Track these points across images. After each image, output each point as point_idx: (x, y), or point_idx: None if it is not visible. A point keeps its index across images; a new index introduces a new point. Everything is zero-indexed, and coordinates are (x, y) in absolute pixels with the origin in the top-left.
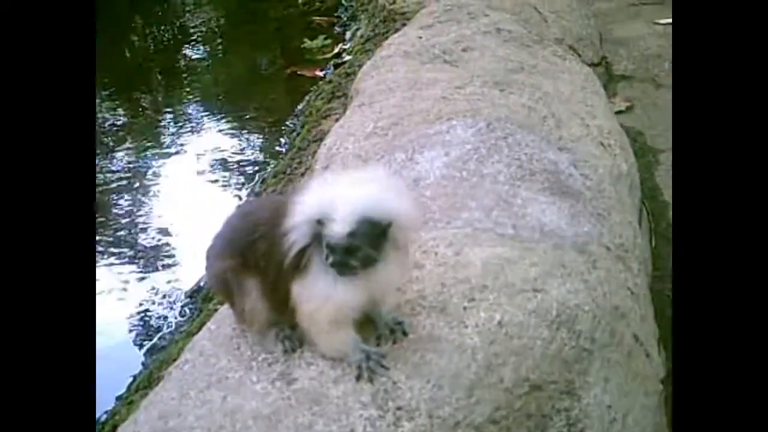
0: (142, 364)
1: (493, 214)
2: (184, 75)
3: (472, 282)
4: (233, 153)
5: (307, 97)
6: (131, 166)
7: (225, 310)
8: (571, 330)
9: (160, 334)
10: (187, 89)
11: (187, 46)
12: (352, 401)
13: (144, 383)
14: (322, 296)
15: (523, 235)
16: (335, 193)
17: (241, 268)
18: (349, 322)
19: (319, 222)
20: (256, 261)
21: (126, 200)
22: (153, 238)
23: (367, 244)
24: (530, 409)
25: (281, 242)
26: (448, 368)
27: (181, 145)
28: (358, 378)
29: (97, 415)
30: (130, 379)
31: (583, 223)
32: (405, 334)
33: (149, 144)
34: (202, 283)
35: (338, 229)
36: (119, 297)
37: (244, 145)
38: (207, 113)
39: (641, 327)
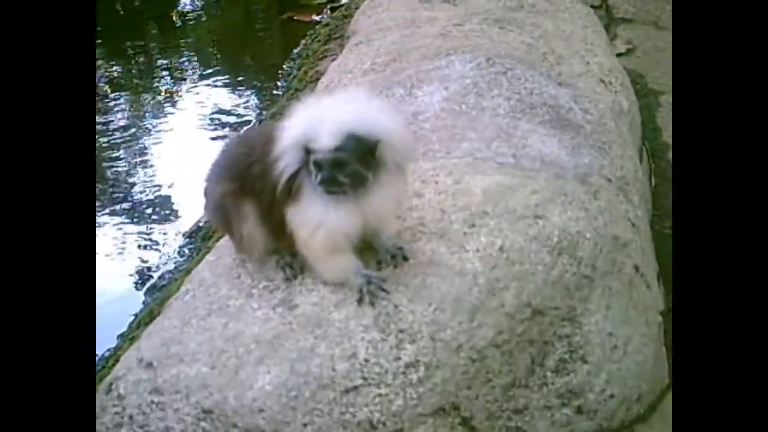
0: (143, 303)
1: (493, 144)
2: (179, 26)
3: (472, 209)
4: (230, 101)
5: (303, 41)
6: (126, 119)
7: (224, 242)
8: (573, 256)
9: (159, 273)
10: (182, 40)
11: None
12: (354, 325)
13: (145, 320)
14: (314, 221)
15: (523, 164)
16: (320, 113)
17: (239, 192)
18: (348, 248)
19: (307, 145)
20: (252, 184)
21: (123, 153)
22: (150, 189)
23: (354, 159)
24: (532, 335)
25: (273, 168)
26: (450, 292)
27: (178, 95)
28: (360, 302)
29: (100, 352)
30: (132, 318)
31: (584, 154)
32: (406, 259)
33: (144, 96)
34: (201, 223)
35: (324, 143)
36: (119, 247)
37: (241, 92)
38: (202, 63)
39: (642, 259)
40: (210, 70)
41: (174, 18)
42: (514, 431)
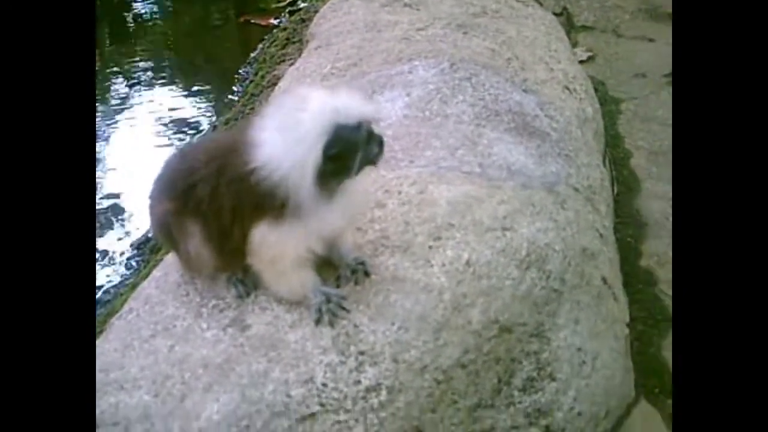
0: None
1: (458, 153)
2: (132, 29)
3: (437, 220)
4: (184, 106)
5: (260, 45)
6: None
7: (172, 257)
8: (541, 270)
9: (103, 289)
10: (137, 46)
11: (136, 2)
12: (311, 346)
13: None
14: (297, 233)
15: (490, 173)
16: (339, 105)
17: (181, 211)
18: (310, 264)
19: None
20: (196, 205)
21: None
22: (102, 199)
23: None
24: (499, 353)
25: (247, 190)
26: (414, 310)
27: (131, 102)
28: (318, 322)
29: None
30: None
31: (550, 163)
32: (367, 274)
33: (98, 104)
34: (150, 234)
35: (368, 113)
36: None
37: (196, 97)
38: (157, 67)
39: (609, 269)
40: (164, 74)
41: (128, 21)
42: None
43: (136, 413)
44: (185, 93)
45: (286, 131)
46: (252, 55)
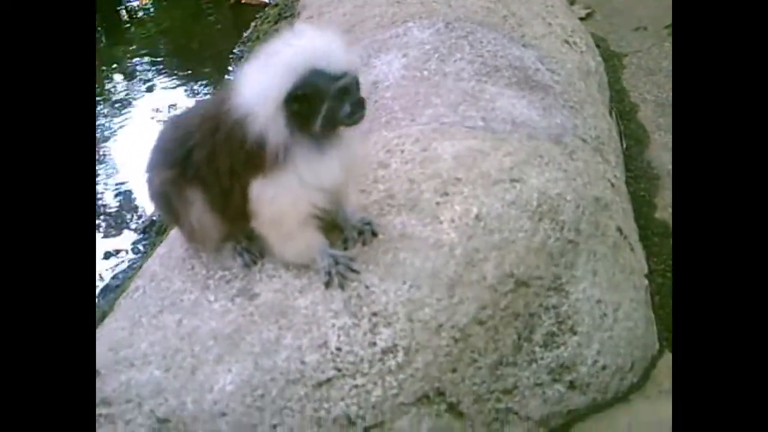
0: (96, 308)
1: (460, 108)
2: (127, 22)
3: (443, 176)
4: (181, 90)
5: (253, 23)
6: None
7: (176, 232)
8: (555, 221)
9: (113, 274)
10: (133, 39)
11: None
12: (323, 310)
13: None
14: (292, 186)
15: (494, 126)
16: (307, 42)
17: (180, 179)
18: (315, 224)
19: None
20: (196, 169)
21: None
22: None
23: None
24: (517, 308)
25: (235, 140)
26: (425, 267)
27: (130, 94)
28: (327, 285)
29: None
30: None
31: (555, 114)
32: (374, 234)
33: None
34: (154, 217)
35: (343, 64)
36: None
37: (192, 80)
38: (153, 55)
39: (624, 220)
40: (161, 65)
41: (121, 15)
42: (504, 413)
43: (148, 389)
44: (183, 81)
45: (263, 65)
46: (245, 34)
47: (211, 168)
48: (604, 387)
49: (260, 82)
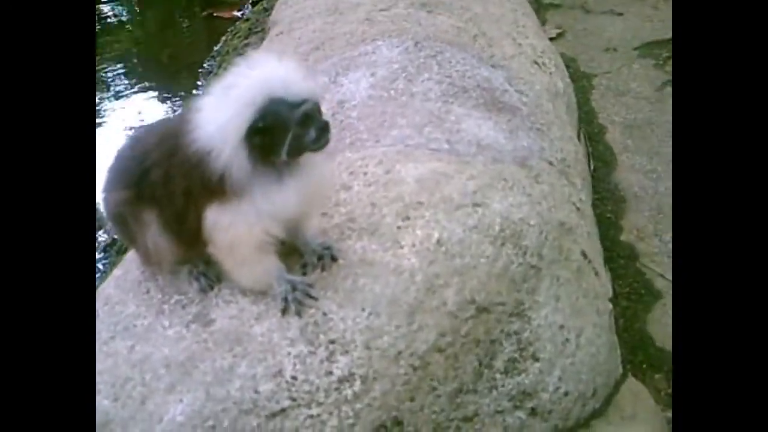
0: None
1: (425, 130)
2: (99, 30)
3: (405, 200)
4: (150, 104)
5: (224, 38)
6: None
7: (132, 254)
8: (517, 246)
9: None
10: (104, 49)
11: (102, 4)
12: (278, 338)
13: None
14: (248, 214)
15: (458, 149)
16: (266, 73)
17: (136, 199)
18: (272, 250)
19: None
20: (151, 191)
21: None
22: None
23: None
24: (478, 334)
25: (192, 166)
26: (385, 293)
27: (102, 107)
28: (284, 312)
29: None
30: None
31: (522, 137)
32: (334, 259)
33: None
34: (116, 236)
35: (305, 91)
36: None
37: (161, 93)
38: (126, 67)
39: (589, 243)
40: (131, 74)
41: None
42: None
43: (96, 420)
44: (151, 90)
45: (221, 99)
46: (215, 48)
47: (166, 189)
48: (566, 413)
49: (219, 117)
